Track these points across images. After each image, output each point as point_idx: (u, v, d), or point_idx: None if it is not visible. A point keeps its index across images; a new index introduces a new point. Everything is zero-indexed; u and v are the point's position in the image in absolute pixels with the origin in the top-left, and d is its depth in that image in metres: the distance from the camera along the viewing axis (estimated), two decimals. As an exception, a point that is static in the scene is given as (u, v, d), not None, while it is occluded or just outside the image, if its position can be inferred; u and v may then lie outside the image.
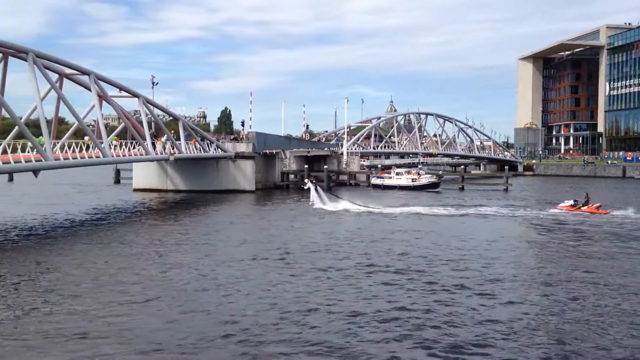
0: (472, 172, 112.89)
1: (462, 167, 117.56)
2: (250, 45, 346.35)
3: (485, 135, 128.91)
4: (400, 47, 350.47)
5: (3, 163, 34.13)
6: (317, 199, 47.76)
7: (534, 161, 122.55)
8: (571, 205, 44.46)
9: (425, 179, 70.24)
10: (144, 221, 40.86)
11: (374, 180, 73.00)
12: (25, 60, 37.33)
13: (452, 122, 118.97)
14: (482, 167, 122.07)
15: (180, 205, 50.98)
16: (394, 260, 25.90)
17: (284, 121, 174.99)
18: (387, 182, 70.62)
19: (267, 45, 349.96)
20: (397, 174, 71.17)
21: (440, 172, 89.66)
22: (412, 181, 68.89)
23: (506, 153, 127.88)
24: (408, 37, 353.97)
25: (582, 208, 43.64)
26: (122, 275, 22.79)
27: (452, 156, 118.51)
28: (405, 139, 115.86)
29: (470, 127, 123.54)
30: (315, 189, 48.77)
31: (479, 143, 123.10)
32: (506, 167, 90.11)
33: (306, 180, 52.91)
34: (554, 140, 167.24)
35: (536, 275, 23.64)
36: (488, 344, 15.38)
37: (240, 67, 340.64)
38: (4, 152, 35.23)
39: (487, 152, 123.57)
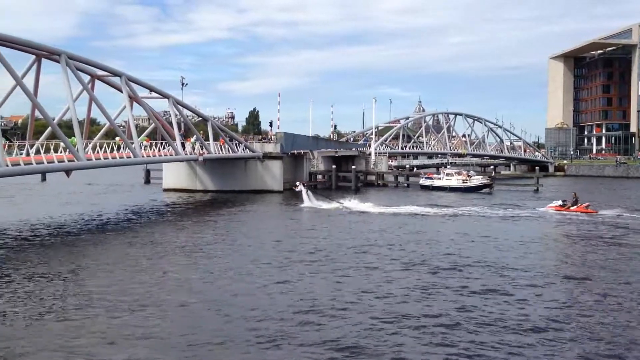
0: (502, 172, 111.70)
1: (492, 167, 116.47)
2: (278, 45, 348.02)
3: (515, 135, 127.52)
4: (429, 47, 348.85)
5: (36, 163, 34.75)
6: (307, 200, 50.23)
7: (565, 162, 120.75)
8: (560, 205, 45.86)
9: (476, 180, 68.80)
10: (174, 221, 41.25)
11: (422, 181, 71.94)
12: (58, 62, 37.98)
13: (481, 122, 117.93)
14: (512, 167, 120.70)
15: (209, 205, 51.34)
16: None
17: (312, 121, 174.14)
18: (436, 183, 69.49)
19: (295, 46, 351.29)
20: (447, 174, 69.93)
21: (493, 174, 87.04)
22: (463, 182, 67.45)
23: (537, 153, 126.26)
24: (437, 36, 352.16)
25: (571, 208, 45.22)
26: (153, 276, 23.03)
27: (481, 156, 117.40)
28: (434, 139, 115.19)
29: (500, 127, 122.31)
30: (306, 192, 51.24)
31: (508, 143, 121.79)
32: (537, 168, 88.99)
33: (297, 183, 54.28)
34: (585, 141, 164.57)
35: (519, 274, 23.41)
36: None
37: (269, 67, 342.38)
38: (37, 152, 35.89)
39: (517, 152, 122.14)
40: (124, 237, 32.80)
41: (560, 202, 46.56)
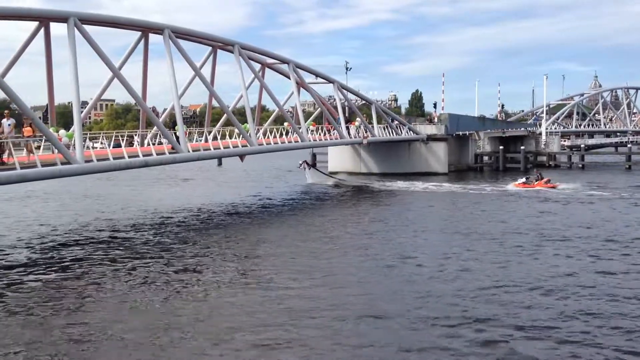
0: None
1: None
2: (442, 24, 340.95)
3: None
4: (606, 17, 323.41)
5: (214, 149, 37.17)
6: (310, 178, 53.88)
7: None
8: (523, 183, 49.09)
9: None
10: (345, 202, 42.50)
11: None
12: (232, 52, 40.20)
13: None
14: None
15: (376, 188, 51.74)
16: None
17: (478, 101, 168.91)
18: None
19: (460, 24, 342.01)
20: None
21: None
22: None
23: None
24: (615, 5, 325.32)
25: (534, 183, 48.54)
26: (324, 258, 23.77)
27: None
28: (612, 117, 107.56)
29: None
30: (309, 170, 53.93)
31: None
32: None
33: (300, 162, 54.59)
34: None
35: None
36: None
37: (432, 48, 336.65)
38: (215, 138, 38.38)
39: None
40: (290, 220, 34.24)
41: (524, 180, 49.41)
